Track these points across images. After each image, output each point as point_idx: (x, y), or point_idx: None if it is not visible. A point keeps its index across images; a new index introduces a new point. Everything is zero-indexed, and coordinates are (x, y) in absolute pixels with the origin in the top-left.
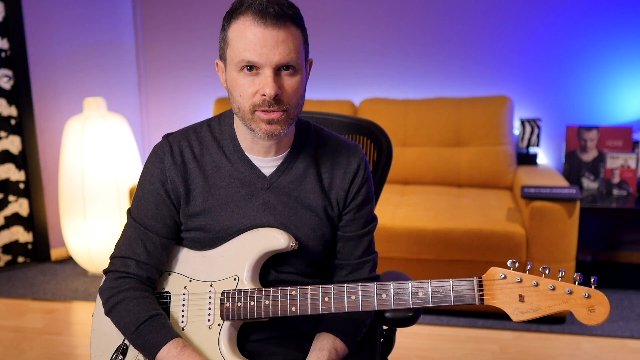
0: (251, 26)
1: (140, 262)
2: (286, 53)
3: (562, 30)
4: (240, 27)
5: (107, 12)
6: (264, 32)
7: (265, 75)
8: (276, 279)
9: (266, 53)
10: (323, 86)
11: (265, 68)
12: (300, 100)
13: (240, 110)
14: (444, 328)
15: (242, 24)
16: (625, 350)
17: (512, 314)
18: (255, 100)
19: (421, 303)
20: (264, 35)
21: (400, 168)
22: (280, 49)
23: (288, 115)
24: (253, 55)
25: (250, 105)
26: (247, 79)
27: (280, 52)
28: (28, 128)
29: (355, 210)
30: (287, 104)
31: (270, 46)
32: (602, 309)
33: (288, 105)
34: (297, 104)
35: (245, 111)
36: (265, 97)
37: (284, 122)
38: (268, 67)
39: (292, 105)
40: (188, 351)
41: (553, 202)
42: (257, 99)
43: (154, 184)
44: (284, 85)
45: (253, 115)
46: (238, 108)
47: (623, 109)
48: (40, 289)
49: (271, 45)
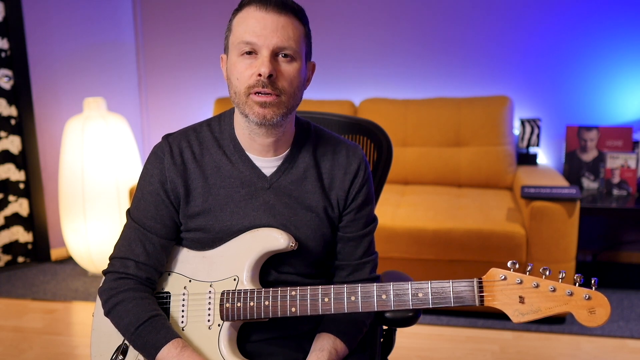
0: (254, 12)
1: (139, 262)
2: (285, 38)
3: (562, 30)
4: (244, 15)
5: (107, 12)
6: (264, 16)
7: (262, 56)
8: (276, 279)
9: (265, 35)
10: (323, 86)
11: (263, 49)
12: (297, 91)
13: (237, 95)
14: (444, 328)
15: (245, 12)
16: (625, 350)
17: (513, 316)
18: (251, 82)
19: (421, 304)
20: (264, 19)
21: (400, 168)
22: (279, 33)
23: (281, 101)
24: (252, 36)
25: (245, 88)
26: (245, 62)
27: (279, 35)
28: (28, 128)
29: (355, 211)
30: (282, 89)
31: (270, 29)
32: (602, 310)
33: (282, 90)
34: (292, 93)
35: (241, 94)
36: (261, 77)
37: (277, 107)
38: (265, 48)
39: (286, 92)
40: (188, 352)
41: (553, 202)
42: (253, 80)
43: (154, 184)
44: (280, 70)
45: (247, 98)
46: (235, 93)
47: (623, 109)
48: (40, 289)
49: (271, 28)
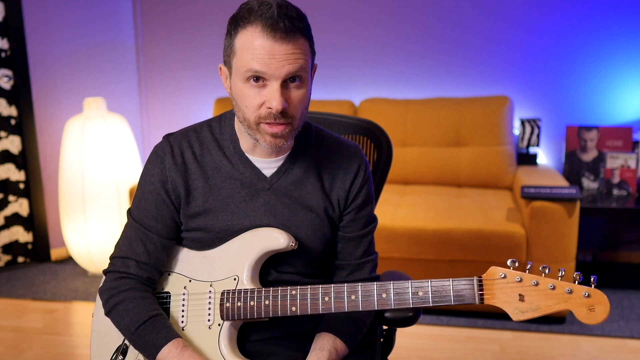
0: (260, 38)
1: (140, 262)
2: (293, 66)
3: (562, 31)
4: (249, 38)
5: (107, 12)
6: (272, 45)
7: (272, 88)
8: (276, 279)
9: (274, 65)
10: (323, 86)
11: (273, 81)
12: (305, 110)
13: (246, 120)
14: (444, 328)
15: (250, 35)
16: (625, 350)
17: (512, 314)
18: (261, 113)
19: (421, 303)
20: (272, 49)
21: (400, 168)
22: (289, 62)
23: (292, 128)
24: (261, 66)
25: (255, 117)
26: (253, 90)
27: (289, 64)
28: (28, 128)
29: (355, 211)
30: (293, 116)
31: (279, 59)
32: (602, 308)
33: (293, 118)
34: (301, 114)
35: (251, 122)
36: (272, 110)
37: (288, 135)
38: (275, 79)
39: (297, 117)
40: (188, 352)
41: (553, 202)
42: (263, 111)
43: (155, 184)
44: (291, 97)
45: (258, 127)
46: (243, 118)
47: (623, 109)
48: (40, 289)
49: (279, 58)
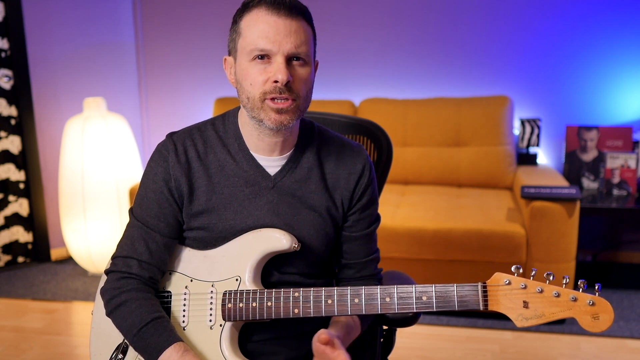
0: (265, 15)
1: (142, 261)
2: (298, 43)
3: (562, 31)
4: (254, 18)
5: (107, 12)
6: (277, 20)
7: (278, 62)
8: (279, 279)
9: (279, 41)
10: (323, 86)
11: (278, 56)
12: (309, 94)
13: (250, 100)
14: (444, 328)
15: (255, 15)
16: (625, 350)
17: (516, 320)
18: (266, 88)
19: (425, 308)
20: (277, 24)
21: (400, 168)
22: (293, 38)
23: (297, 106)
24: (266, 42)
25: (260, 93)
26: (258, 67)
27: (293, 41)
28: (28, 128)
29: (360, 211)
30: (297, 93)
31: (283, 34)
32: (606, 316)
33: (298, 95)
34: (305, 96)
35: (255, 100)
36: (277, 83)
37: (293, 113)
38: (280, 54)
39: (301, 96)
40: (189, 355)
41: (553, 202)
42: (268, 86)
43: (158, 182)
44: (295, 74)
45: (262, 104)
46: (247, 98)
47: (623, 109)
48: (40, 289)
49: (284, 33)
